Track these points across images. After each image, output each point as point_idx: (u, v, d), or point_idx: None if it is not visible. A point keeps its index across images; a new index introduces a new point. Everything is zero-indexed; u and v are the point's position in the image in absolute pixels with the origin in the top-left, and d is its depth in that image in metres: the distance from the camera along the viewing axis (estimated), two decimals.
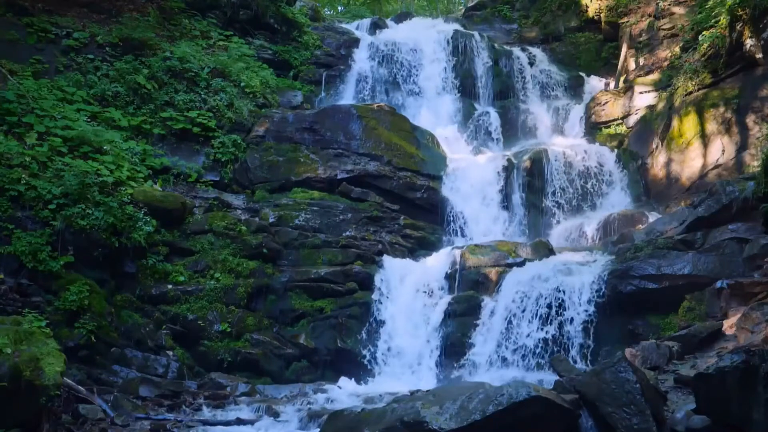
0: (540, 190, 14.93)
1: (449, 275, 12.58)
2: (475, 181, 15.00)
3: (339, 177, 14.47)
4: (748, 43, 13.26)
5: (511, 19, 22.77)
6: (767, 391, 5.82)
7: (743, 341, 8.26)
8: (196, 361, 11.57)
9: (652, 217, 13.41)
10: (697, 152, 13.97)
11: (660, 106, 15.51)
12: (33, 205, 10.78)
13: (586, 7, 20.50)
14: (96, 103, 13.97)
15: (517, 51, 19.56)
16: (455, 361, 11.45)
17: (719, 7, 13.89)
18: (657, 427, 6.42)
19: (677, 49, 16.12)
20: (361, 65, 18.53)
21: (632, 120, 16.36)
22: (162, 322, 11.63)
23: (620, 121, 16.64)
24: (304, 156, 14.80)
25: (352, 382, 11.37)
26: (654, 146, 15.10)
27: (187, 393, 10.36)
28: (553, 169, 15.04)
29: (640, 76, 17.11)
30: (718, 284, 9.86)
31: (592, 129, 16.97)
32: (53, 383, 7.77)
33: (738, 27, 13.30)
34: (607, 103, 16.98)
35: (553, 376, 8.60)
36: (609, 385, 6.59)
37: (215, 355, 11.62)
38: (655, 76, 16.65)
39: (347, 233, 13.54)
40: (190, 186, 14.03)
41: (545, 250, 12.49)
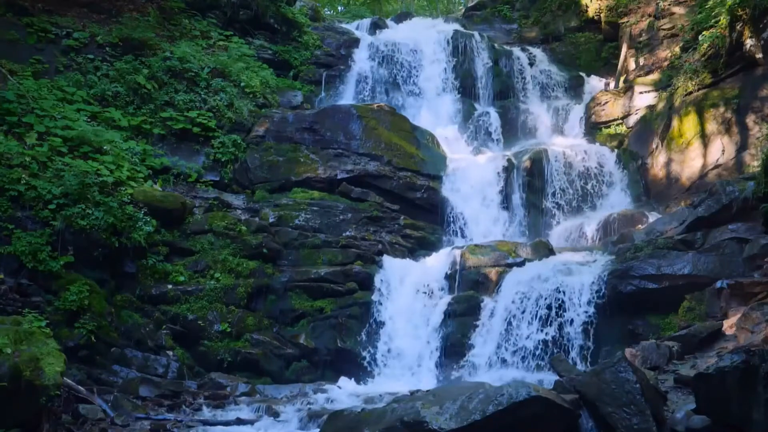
0: (540, 191, 14.92)
1: (449, 275, 12.58)
2: (475, 182, 14.99)
3: (339, 177, 14.47)
4: (748, 43, 13.25)
5: (511, 19, 22.75)
6: (767, 391, 5.82)
7: (743, 341, 8.26)
8: (196, 361, 11.57)
9: (652, 217, 13.40)
10: (697, 152, 13.96)
11: (660, 106, 15.50)
12: (33, 205, 10.78)
13: (586, 7, 20.49)
14: (96, 103, 13.97)
15: (517, 51, 19.55)
16: (455, 363, 11.45)
17: (719, 7, 13.89)
18: (657, 427, 6.42)
19: (677, 49, 16.12)
20: (361, 65, 18.51)
21: (632, 120, 16.35)
22: (162, 322, 11.63)
23: (620, 121, 16.63)
24: (304, 156, 14.79)
25: (352, 382, 11.37)
26: (654, 146, 15.10)
27: (187, 393, 10.35)
28: (553, 170, 15.03)
29: (640, 76, 17.10)
30: (718, 284, 9.86)
31: (592, 129, 16.96)
32: (53, 383, 7.77)
33: (738, 27, 13.30)
34: (607, 103, 16.97)
35: (553, 377, 8.60)
36: (609, 385, 6.59)
37: (215, 355, 11.63)
38: (655, 76, 16.64)
39: (347, 233, 13.54)
40: (190, 186, 14.03)
41: (545, 250, 12.49)
